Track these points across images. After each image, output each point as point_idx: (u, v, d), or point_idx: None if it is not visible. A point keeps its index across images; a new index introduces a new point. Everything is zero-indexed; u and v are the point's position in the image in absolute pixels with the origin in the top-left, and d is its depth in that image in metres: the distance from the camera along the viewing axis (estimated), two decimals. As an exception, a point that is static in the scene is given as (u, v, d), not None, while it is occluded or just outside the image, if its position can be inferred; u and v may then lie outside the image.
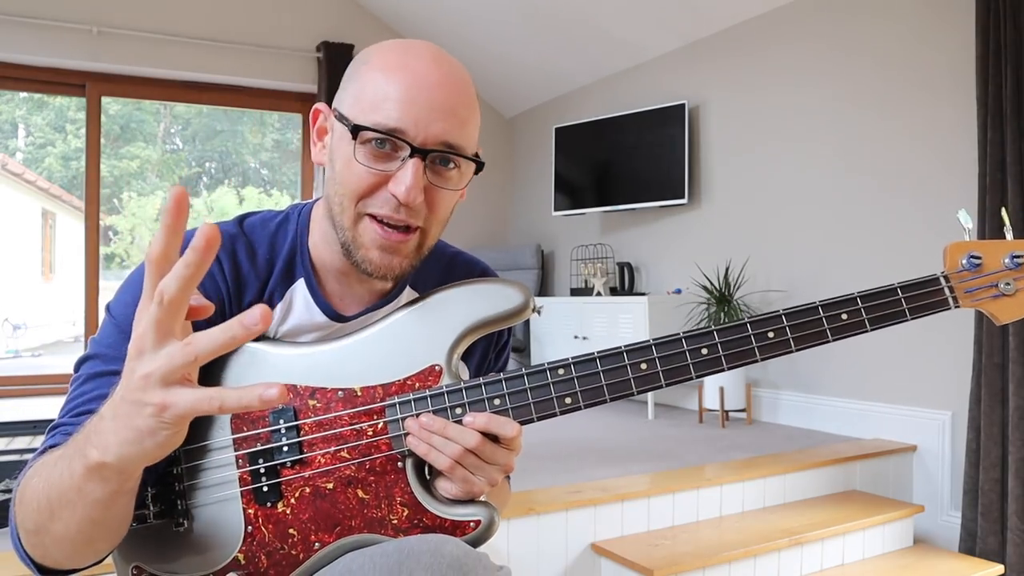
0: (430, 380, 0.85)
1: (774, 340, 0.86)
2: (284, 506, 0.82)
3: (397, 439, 0.83)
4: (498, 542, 2.02)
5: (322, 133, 0.89)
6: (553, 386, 0.84)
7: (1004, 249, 0.91)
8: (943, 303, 0.90)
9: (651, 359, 0.84)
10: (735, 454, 2.72)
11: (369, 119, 0.79)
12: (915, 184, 2.90)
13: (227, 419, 0.84)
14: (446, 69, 0.82)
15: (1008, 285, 0.90)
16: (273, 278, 0.89)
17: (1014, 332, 2.45)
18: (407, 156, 0.79)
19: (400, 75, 0.80)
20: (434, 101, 0.80)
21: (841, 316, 0.87)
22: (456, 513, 0.82)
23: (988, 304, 0.91)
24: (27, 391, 4.08)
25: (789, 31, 3.42)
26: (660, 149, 3.95)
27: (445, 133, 0.80)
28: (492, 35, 4.59)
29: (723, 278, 3.48)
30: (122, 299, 0.84)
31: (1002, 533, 2.48)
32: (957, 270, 0.91)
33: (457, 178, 0.84)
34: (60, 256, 10.10)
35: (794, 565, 2.25)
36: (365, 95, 0.81)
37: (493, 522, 0.82)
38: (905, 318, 0.89)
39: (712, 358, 0.85)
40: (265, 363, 0.85)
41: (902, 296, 0.89)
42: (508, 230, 5.47)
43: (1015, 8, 2.50)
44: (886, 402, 3.00)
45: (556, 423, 1.02)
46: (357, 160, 0.80)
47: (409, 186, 0.78)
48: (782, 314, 0.87)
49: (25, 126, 9.92)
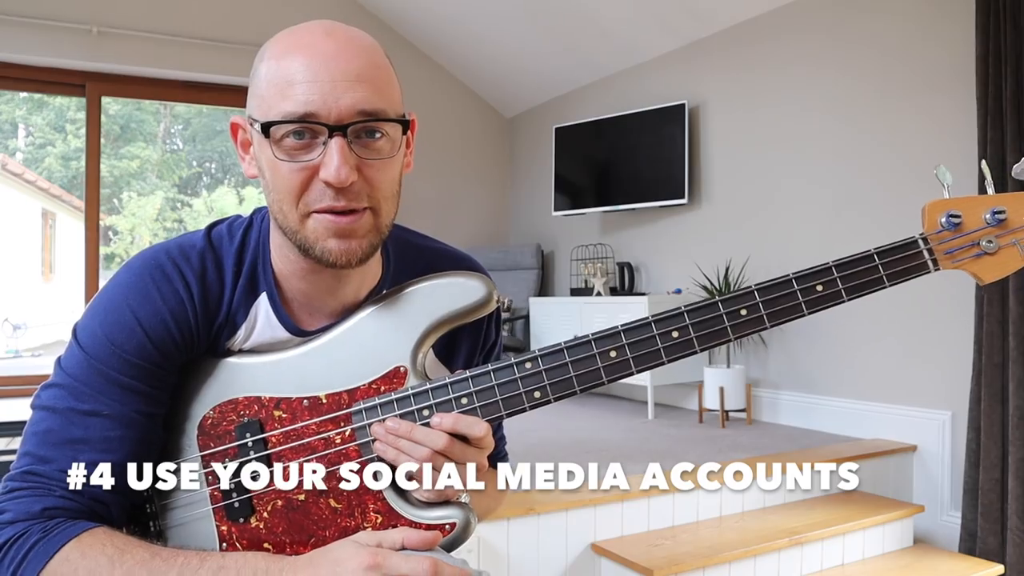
0: (395, 382, 0.82)
1: (748, 317, 0.82)
2: (257, 520, 0.81)
3: (366, 445, 0.81)
4: (498, 542, 2.02)
5: (246, 145, 0.83)
6: (520, 380, 0.81)
7: (985, 205, 0.84)
8: (922, 266, 0.84)
9: (620, 346, 0.81)
10: (735, 454, 2.72)
11: (275, 112, 0.75)
12: (915, 184, 2.90)
13: (194, 436, 0.83)
14: (342, 38, 0.77)
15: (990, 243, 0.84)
16: (236, 297, 0.85)
17: (1014, 332, 2.45)
18: (326, 139, 0.75)
19: (294, 57, 0.75)
20: (336, 72, 0.75)
21: (816, 287, 0.82)
22: (431, 516, 0.81)
23: (970, 264, 0.85)
24: (27, 391, 4.08)
25: (789, 31, 3.42)
26: (660, 149, 3.95)
27: (358, 103, 0.75)
28: (492, 35, 4.59)
29: (723, 278, 3.48)
30: (91, 329, 0.80)
31: (1002, 533, 2.48)
32: (936, 231, 0.84)
33: (388, 147, 0.78)
34: (60, 256, 10.10)
35: (794, 565, 2.25)
36: (267, 90, 0.76)
37: (469, 523, 0.81)
38: (883, 285, 0.84)
39: (683, 340, 0.81)
40: (232, 375, 0.84)
41: (879, 262, 0.84)
42: (508, 230, 5.48)
43: (1015, 8, 2.50)
44: (886, 402, 3.00)
45: (556, 423, 1.02)
46: (279, 159, 0.76)
47: (337, 166, 0.74)
48: (754, 289, 0.82)
49: (25, 126, 9.92)
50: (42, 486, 0.76)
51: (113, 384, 0.78)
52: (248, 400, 0.83)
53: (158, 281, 0.82)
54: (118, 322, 0.80)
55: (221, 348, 0.86)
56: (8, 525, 0.74)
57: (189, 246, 0.85)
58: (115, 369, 0.78)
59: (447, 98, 5.18)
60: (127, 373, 0.79)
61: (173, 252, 0.84)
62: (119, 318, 0.80)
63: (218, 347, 0.85)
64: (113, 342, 0.79)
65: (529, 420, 1.00)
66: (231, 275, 0.85)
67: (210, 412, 0.83)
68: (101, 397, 0.78)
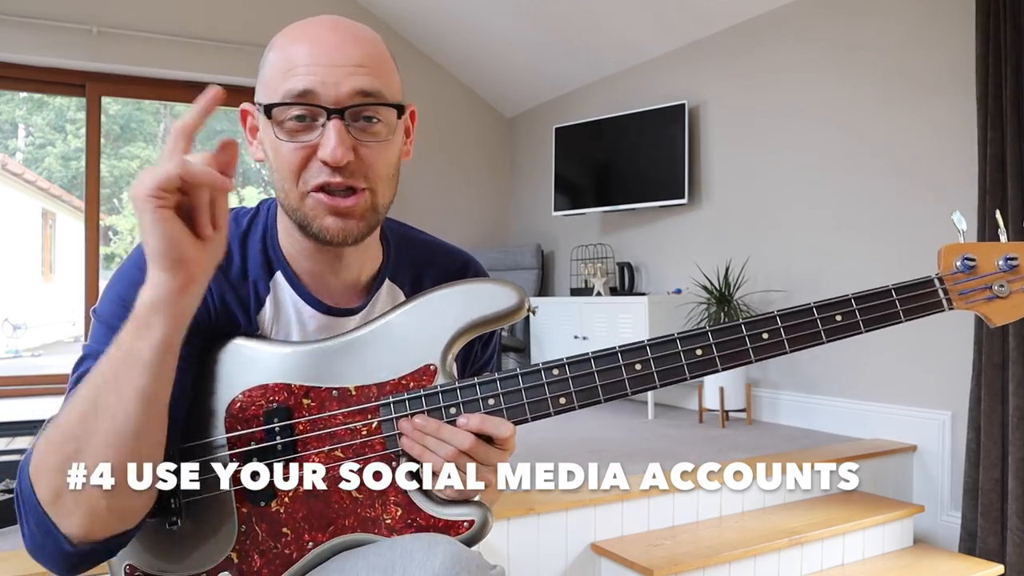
0: (424, 380, 0.84)
1: (768, 341, 0.86)
2: (277, 505, 0.82)
3: (391, 439, 0.83)
4: (498, 542, 2.02)
5: (254, 131, 0.87)
6: (548, 386, 0.83)
7: (998, 251, 0.91)
8: (937, 305, 0.90)
9: (645, 359, 0.84)
10: (735, 454, 2.72)
11: (278, 94, 0.79)
12: (915, 184, 2.90)
13: (222, 418, 0.83)
14: (345, 29, 0.81)
15: (1002, 287, 0.90)
16: (253, 271, 0.89)
17: (1014, 332, 2.45)
18: (325, 120, 0.78)
19: (300, 44, 0.80)
20: (339, 58, 0.79)
21: (835, 318, 0.87)
22: (450, 513, 0.82)
23: (982, 306, 0.91)
24: (27, 391, 4.08)
25: (789, 31, 3.42)
26: (660, 149, 3.95)
27: (356, 85, 0.79)
28: (492, 35, 4.59)
29: (723, 278, 3.48)
30: (106, 298, 0.84)
31: (1002, 533, 2.48)
32: (951, 272, 0.91)
33: (385, 131, 0.82)
34: (60, 256, 10.10)
35: (794, 565, 2.25)
36: (272, 75, 0.81)
37: (487, 522, 0.82)
38: (899, 320, 0.89)
39: (707, 359, 0.85)
40: (259, 363, 0.85)
41: (896, 298, 0.89)
42: (508, 230, 5.47)
43: (1015, 8, 2.50)
44: (886, 402, 3.00)
45: (556, 423, 1.02)
46: (280, 140, 0.80)
47: (334, 145, 0.77)
48: (777, 315, 0.87)
49: (25, 126, 9.92)
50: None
51: None
52: (278, 387, 0.84)
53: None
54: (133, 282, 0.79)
55: (254, 323, 0.88)
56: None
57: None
58: None
59: (447, 98, 5.18)
60: None
61: None
62: (133, 279, 0.80)
63: (251, 322, 0.87)
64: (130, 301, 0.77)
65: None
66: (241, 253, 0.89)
67: (239, 396, 0.84)
68: None
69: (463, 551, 0.75)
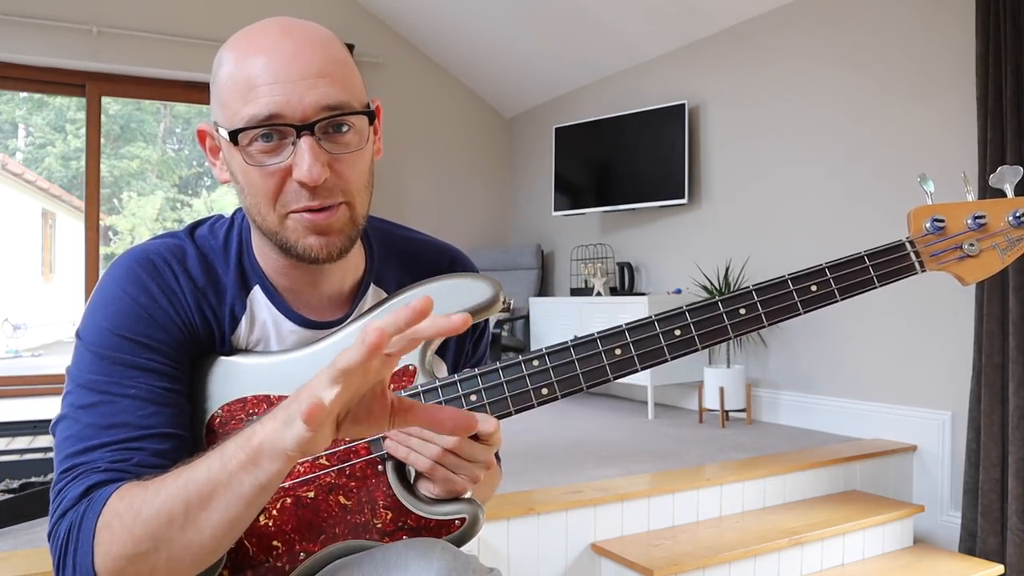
0: (404, 381, 0.84)
1: (746, 316, 0.86)
2: (266, 518, 0.81)
3: (376, 442, 0.82)
4: (498, 542, 2.02)
5: (215, 151, 0.83)
6: (529, 378, 0.83)
7: (966, 210, 0.92)
8: (910, 268, 0.90)
9: (624, 344, 0.84)
10: (735, 454, 2.72)
11: (241, 117, 0.75)
12: (915, 184, 2.89)
13: (202, 435, 0.82)
14: (298, 35, 0.77)
15: (972, 246, 0.91)
16: (230, 290, 0.86)
17: (1014, 332, 2.45)
18: (295, 139, 0.75)
19: (253, 59, 0.76)
20: (297, 71, 0.75)
21: (811, 288, 0.87)
22: (440, 512, 0.81)
23: (954, 266, 0.91)
24: (27, 391, 4.08)
25: (789, 31, 3.42)
26: (660, 149, 3.95)
27: (321, 99, 0.75)
28: (492, 35, 4.59)
29: (723, 278, 3.48)
30: (94, 326, 0.80)
31: (1002, 533, 2.48)
32: (922, 234, 0.92)
33: (356, 139, 0.79)
34: (60, 256, 10.11)
35: (794, 565, 2.25)
36: (230, 96, 0.76)
37: (478, 519, 0.82)
38: (874, 285, 0.89)
39: (685, 339, 0.84)
40: (237, 376, 0.84)
41: (869, 264, 0.89)
42: (508, 230, 5.48)
43: (1015, 8, 2.50)
44: (886, 402, 3.00)
45: (555, 423, 1.02)
46: (251, 165, 0.76)
47: (308, 165, 0.74)
48: (752, 290, 0.86)
49: (25, 126, 9.92)
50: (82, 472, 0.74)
51: (131, 367, 0.78)
52: (257, 399, 0.83)
53: (149, 272, 0.82)
54: (120, 310, 0.80)
55: (227, 344, 0.86)
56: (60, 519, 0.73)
57: (173, 244, 0.86)
58: (130, 353, 0.78)
59: (447, 98, 5.18)
60: (142, 355, 0.79)
61: (159, 249, 0.85)
62: (120, 307, 0.80)
63: (225, 342, 0.86)
64: (120, 329, 0.79)
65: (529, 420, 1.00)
66: (220, 269, 0.86)
67: (218, 411, 0.83)
68: (125, 382, 0.78)
69: (459, 556, 0.75)
